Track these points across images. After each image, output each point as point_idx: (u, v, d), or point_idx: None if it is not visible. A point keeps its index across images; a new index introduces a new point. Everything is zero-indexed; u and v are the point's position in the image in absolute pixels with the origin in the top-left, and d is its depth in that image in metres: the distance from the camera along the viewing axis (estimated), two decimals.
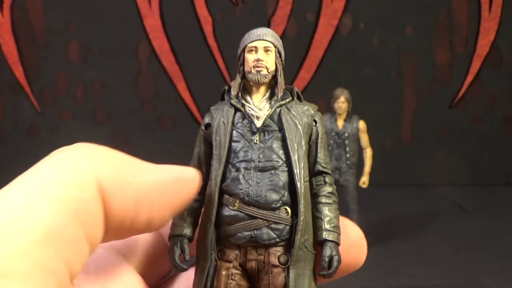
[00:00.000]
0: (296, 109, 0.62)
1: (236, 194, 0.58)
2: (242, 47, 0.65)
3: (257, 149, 0.59)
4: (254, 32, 0.65)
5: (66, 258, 0.38)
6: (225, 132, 0.61)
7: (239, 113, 0.62)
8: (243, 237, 0.57)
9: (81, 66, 4.49)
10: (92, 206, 0.40)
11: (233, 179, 0.58)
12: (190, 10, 4.45)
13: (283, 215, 0.58)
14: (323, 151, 0.63)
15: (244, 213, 0.57)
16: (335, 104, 2.98)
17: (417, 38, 4.56)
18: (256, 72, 0.63)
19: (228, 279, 0.57)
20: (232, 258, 0.58)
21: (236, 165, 0.59)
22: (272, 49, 0.65)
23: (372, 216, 3.53)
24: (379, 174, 3.68)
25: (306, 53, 4.54)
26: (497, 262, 2.86)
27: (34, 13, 4.41)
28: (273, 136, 0.60)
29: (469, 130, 4.70)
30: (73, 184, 0.39)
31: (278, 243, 0.57)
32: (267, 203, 0.57)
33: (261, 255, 0.57)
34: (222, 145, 0.60)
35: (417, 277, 2.69)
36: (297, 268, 0.56)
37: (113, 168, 0.44)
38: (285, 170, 0.59)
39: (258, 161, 0.59)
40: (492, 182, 4.66)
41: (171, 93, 4.56)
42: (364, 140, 3.05)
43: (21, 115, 4.52)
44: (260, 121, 0.61)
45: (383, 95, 4.57)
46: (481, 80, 4.68)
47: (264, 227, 0.57)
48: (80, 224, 0.39)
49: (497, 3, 4.55)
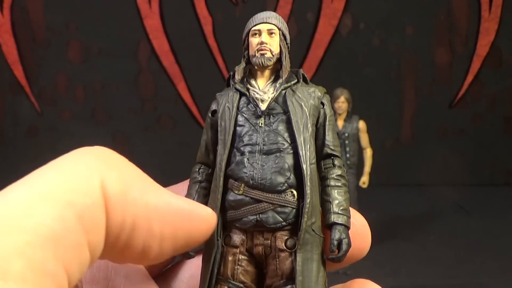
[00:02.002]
0: (301, 91, 0.61)
1: (241, 178, 0.57)
2: (246, 31, 0.65)
3: (262, 132, 0.59)
4: (258, 15, 0.65)
5: (65, 263, 0.37)
6: (230, 117, 0.60)
7: (244, 98, 0.61)
8: (249, 221, 0.56)
9: (81, 66, 4.49)
10: (97, 214, 0.39)
11: (238, 163, 0.58)
12: (190, 10, 4.45)
13: (289, 198, 0.56)
14: (332, 134, 0.61)
15: (250, 197, 0.56)
16: (335, 104, 2.98)
17: (417, 38, 4.56)
18: (260, 56, 0.62)
19: (235, 265, 0.56)
20: (239, 243, 0.57)
21: (241, 149, 0.58)
22: (276, 32, 0.64)
23: (372, 216, 3.51)
24: (379, 174, 3.68)
25: (306, 53, 4.54)
26: (497, 262, 2.86)
27: (34, 13, 4.41)
28: (278, 119, 0.59)
29: (469, 130, 4.70)
30: (80, 189, 0.38)
31: (285, 227, 0.56)
32: (272, 186, 0.56)
33: (267, 240, 0.56)
34: (227, 130, 0.59)
35: (417, 277, 2.69)
36: (304, 252, 0.54)
37: (122, 178, 0.41)
38: (290, 152, 0.58)
39: (263, 144, 0.58)
40: (492, 182, 4.66)
41: (171, 93, 4.56)
42: (364, 140, 3.05)
43: (21, 115, 4.53)
44: (265, 104, 0.60)
45: (383, 95, 4.57)
46: (481, 80, 4.68)
47: (270, 210, 0.56)
48: (84, 231, 0.38)
49: (497, 3, 4.55)
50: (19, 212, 0.35)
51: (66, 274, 0.37)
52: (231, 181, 0.58)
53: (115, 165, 0.42)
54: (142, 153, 4.50)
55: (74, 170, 0.39)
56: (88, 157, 0.41)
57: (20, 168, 3.04)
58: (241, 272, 0.56)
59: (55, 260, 0.36)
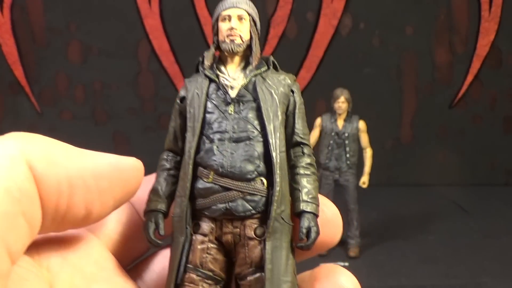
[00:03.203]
0: (272, 79, 0.60)
1: (210, 166, 0.56)
2: (216, 16, 0.63)
3: (231, 119, 0.58)
4: (226, 1, 0.63)
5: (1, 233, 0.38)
6: (199, 104, 0.59)
7: (214, 84, 0.61)
8: (218, 209, 0.55)
9: (81, 66, 4.49)
10: (25, 185, 0.41)
11: (207, 151, 0.57)
12: (190, 10, 4.45)
13: (259, 186, 0.56)
14: (301, 122, 0.61)
15: (219, 185, 0.56)
16: (335, 104, 2.98)
17: (417, 38, 4.55)
18: (230, 41, 0.61)
19: (204, 253, 0.56)
20: (208, 231, 0.56)
21: (210, 136, 0.58)
22: (247, 18, 0.62)
23: (372, 216, 3.53)
24: (379, 174, 3.68)
25: (306, 53, 4.54)
26: (497, 262, 2.86)
27: (34, 13, 4.40)
28: (248, 106, 0.59)
29: (469, 130, 4.70)
30: (3, 164, 0.40)
31: (254, 215, 0.56)
32: (241, 174, 0.56)
33: (236, 228, 0.56)
34: (196, 117, 0.59)
35: (417, 277, 2.69)
36: (273, 240, 0.54)
37: (44, 150, 0.45)
38: (260, 140, 0.57)
39: (232, 132, 0.57)
40: (492, 182, 4.66)
41: (171, 93, 4.55)
42: (364, 140, 3.04)
43: (21, 115, 4.52)
44: (235, 91, 0.60)
45: (383, 95, 4.57)
46: (481, 80, 4.68)
47: (239, 198, 0.55)
48: (14, 201, 0.40)
49: (497, 3, 4.55)
50: None
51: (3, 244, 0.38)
52: (200, 168, 0.57)
53: (35, 140, 0.46)
54: (142, 153, 4.47)
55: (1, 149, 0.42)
56: (8, 138, 0.45)
57: None
58: (210, 261, 0.56)
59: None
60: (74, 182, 0.45)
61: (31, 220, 0.42)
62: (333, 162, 2.97)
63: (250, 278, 0.55)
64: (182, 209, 0.56)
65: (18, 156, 0.42)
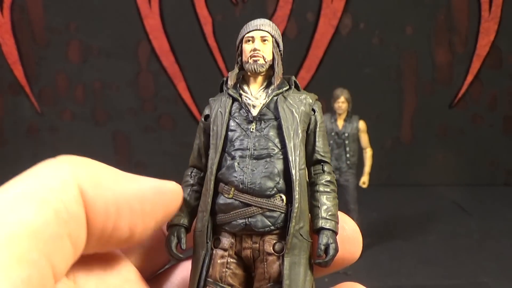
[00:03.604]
0: (293, 98, 0.62)
1: (231, 182, 0.58)
2: (240, 38, 0.66)
3: (253, 137, 0.59)
4: (252, 22, 0.65)
5: (48, 253, 0.40)
6: (222, 122, 0.61)
7: (237, 103, 0.62)
8: (238, 225, 0.57)
9: (81, 66, 4.49)
10: (73, 207, 0.43)
11: (228, 167, 0.58)
12: (190, 10, 4.45)
13: (278, 202, 0.57)
14: (322, 140, 0.63)
15: (239, 201, 0.57)
16: (335, 104, 2.98)
17: (417, 38, 4.56)
18: (253, 62, 0.63)
19: (223, 268, 0.57)
20: (228, 246, 0.57)
21: (232, 153, 0.59)
22: (269, 39, 0.64)
23: (372, 216, 3.53)
24: (379, 174, 3.68)
25: (306, 53, 4.54)
26: (497, 262, 2.86)
27: (34, 13, 4.41)
28: (269, 124, 0.60)
29: (469, 130, 4.70)
30: (54, 187, 0.42)
31: (273, 231, 0.57)
32: (261, 190, 0.57)
33: (256, 243, 0.57)
34: (218, 135, 0.60)
35: (417, 277, 2.69)
36: (292, 256, 0.55)
37: (93, 174, 0.46)
38: (280, 158, 0.59)
39: (253, 149, 0.59)
40: (492, 182, 4.66)
41: (171, 93, 4.56)
42: (364, 140, 3.05)
43: (21, 115, 4.53)
44: (256, 110, 0.61)
45: (383, 95, 4.57)
46: (481, 80, 4.68)
47: (259, 214, 0.56)
48: (62, 223, 0.41)
49: (497, 3, 4.55)
50: (3, 210, 0.39)
51: (49, 264, 0.40)
52: (222, 184, 0.59)
53: (86, 164, 0.48)
54: (142, 153, 4.50)
55: (49, 173, 0.44)
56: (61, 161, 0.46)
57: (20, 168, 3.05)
58: (230, 275, 0.57)
59: (37, 250, 0.39)
60: (120, 205, 0.47)
61: (76, 242, 0.43)
62: (333, 162, 2.97)
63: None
64: (203, 224, 0.57)
65: (69, 179, 0.44)
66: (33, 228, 0.39)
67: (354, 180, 3.00)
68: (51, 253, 0.40)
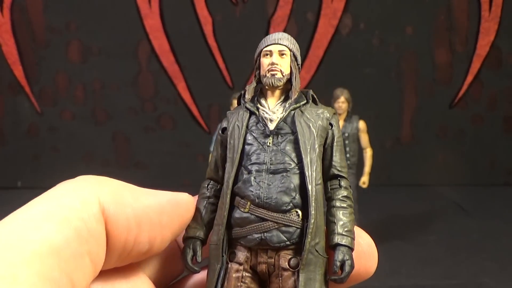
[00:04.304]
0: (310, 112, 0.62)
1: (247, 196, 0.58)
2: (258, 52, 0.66)
3: (270, 151, 0.59)
4: (270, 36, 0.66)
5: (68, 271, 0.41)
6: (239, 135, 0.61)
7: (254, 117, 0.62)
8: (253, 239, 0.57)
9: (81, 66, 4.49)
10: (93, 225, 0.45)
11: (245, 181, 0.59)
12: (190, 10, 4.45)
13: (294, 217, 0.57)
14: (339, 155, 0.62)
15: (255, 215, 0.57)
16: (335, 104, 2.98)
17: (417, 38, 4.56)
18: (271, 76, 0.63)
19: (238, 282, 0.57)
20: (243, 260, 0.58)
21: (248, 167, 0.59)
22: (287, 53, 0.64)
23: (372, 216, 3.53)
24: (379, 174, 3.68)
25: (306, 53, 4.54)
26: (497, 262, 2.86)
27: (34, 13, 4.41)
28: (286, 138, 0.60)
29: (469, 130, 4.70)
30: (75, 206, 0.44)
31: (289, 246, 0.57)
32: (277, 205, 0.57)
33: (271, 258, 0.57)
34: (235, 148, 0.60)
35: (417, 277, 2.69)
36: (307, 272, 0.55)
37: (114, 192, 0.48)
38: (297, 172, 0.58)
39: (270, 164, 0.59)
40: (492, 182, 4.66)
41: (171, 93, 4.56)
42: (364, 140, 3.05)
43: (21, 115, 4.52)
44: (274, 124, 0.61)
45: (383, 95, 4.57)
46: (481, 80, 4.68)
47: (274, 229, 0.56)
48: (83, 241, 0.43)
49: (497, 3, 4.55)
50: (26, 228, 0.41)
51: (70, 282, 0.41)
52: (238, 198, 0.59)
53: (105, 183, 0.49)
54: (142, 153, 4.50)
55: (70, 192, 0.46)
56: (81, 181, 0.48)
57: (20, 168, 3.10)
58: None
59: (59, 268, 0.40)
60: (141, 220, 0.49)
61: (96, 259, 0.45)
62: None
63: None
64: (219, 237, 0.58)
65: (89, 198, 0.46)
66: (55, 247, 0.40)
67: (354, 180, 3.00)
68: (72, 271, 0.41)
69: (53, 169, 4.43)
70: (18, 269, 0.37)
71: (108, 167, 4.46)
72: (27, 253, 0.38)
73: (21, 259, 0.38)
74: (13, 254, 0.38)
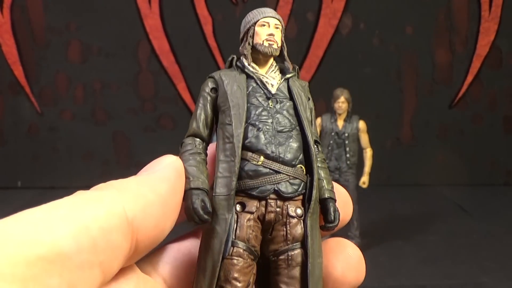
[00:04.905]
0: (299, 83, 0.69)
1: (260, 150, 0.62)
2: (254, 21, 0.70)
3: (273, 113, 0.65)
4: (265, 10, 0.71)
5: (71, 281, 0.40)
6: (242, 95, 0.65)
7: (252, 81, 0.67)
8: (267, 190, 0.61)
9: (81, 66, 4.49)
10: (113, 237, 0.43)
11: (257, 137, 0.63)
12: (190, 10, 4.45)
13: (300, 172, 0.63)
14: (314, 124, 0.69)
15: (269, 168, 0.62)
16: (335, 104, 2.98)
17: (417, 38, 4.56)
18: (269, 45, 0.68)
19: (250, 230, 0.61)
20: (254, 210, 0.61)
21: (257, 124, 0.64)
22: (280, 27, 0.70)
23: (372, 216, 3.53)
24: (379, 174, 3.68)
25: (306, 53, 4.54)
26: (497, 262, 2.86)
27: (34, 13, 4.41)
28: (284, 103, 0.66)
29: (469, 130, 4.70)
30: (98, 215, 0.43)
31: (296, 197, 0.63)
32: (288, 160, 0.63)
33: (279, 208, 0.62)
34: (240, 106, 0.64)
35: (417, 277, 2.69)
36: (311, 220, 0.61)
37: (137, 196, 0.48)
38: (298, 133, 0.65)
39: (276, 123, 0.64)
40: (492, 182, 4.66)
41: (171, 93, 4.56)
42: (364, 140, 3.04)
43: (21, 115, 4.53)
44: (274, 88, 0.67)
45: (383, 95, 4.57)
46: (481, 80, 4.68)
47: (285, 181, 0.62)
48: (98, 251, 0.42)
49: (497, 3, 4.55)
50: (39, 228, 0.39)
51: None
52: (249, 153, 0.63)
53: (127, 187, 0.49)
54: (142, 153, 4.50)
55: (96, 200, 0.45)
56: (109, 188, 0.48)
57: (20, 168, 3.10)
58: (253, 237, 0.61)
59: (59, 276, 0.39)
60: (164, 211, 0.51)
61: (107, 270, 0.44)
62: (333, 162, 2.98)
63: (291, 253, 0.61)
64: (230, 188, 0.60)
65: (116, 209, 0.45)
66: (63, 253, 0.39)
67: (354, 180, 3.00)
68: (75, 281, 0.40)
69: (53, 169, 4.44)
70: (18, 269, 0.36)
71: (108, 167, 4.47)
72: (32, 254, 0.37)
73: (24, 260, 0.37)
74: (18, 253, 0.37)
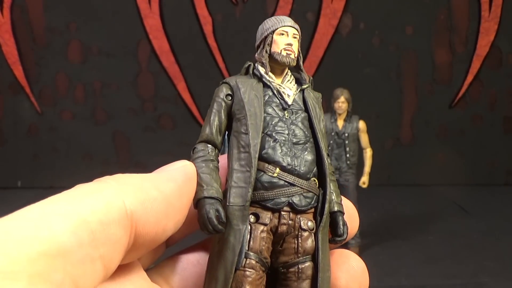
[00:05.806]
0: (314, 95, 0.68)
1: (276, 162, 0.62)
2: (272, 29, 0.69)
3: (289, 124, 0.64)
4: (284, 18, 0.70)
5: (74, 275, 0.40)
6: (259, 104, 0.64)
7: (269, 90, 0.66)
8: (281, 202, 0.61)
9: (81, 66, 4.49)
10: (113, 230, 0.43)
11: (273, 148, 0.63)
12: (190, 10, 4.45)
13: (313, 185, 0.63)
14: (325, 136, 0.69)
15: (284, 180, 0.62)
16: (335, 104, 2.98)
17: (417, 38, 4.56)
18: (287, 55, 0.67)
19: (263, 241, 0.60)
20: (267, 221, 0.61)
21: (274, 135, 0.63)
22: (297, 37, 0.69)
23: (372, 216, 3.53)
24: (379, 174, 3.68)
25: (306, 53, 4.54)
26: (497, 262, 2.86)
27: (34, 13, 4.41)
28: (299, 115, 0.65)
29: (469, 130, 4.70)
30: (97, 209, 0.42)
31: (308, 210, 0.62)
32: (303, 173, 0.62)
33: (291, 220, 0.62)
34: (257, 115, 0.63)
35: (417, 277, 2.69)
36: (322, 234, 0.61)
37: (138, 190, 0.47)
38: (313, 146, 0.65)
39: (292, 135, 0.64)
40: (492, 182, 4.66)
41: (171, 93, 4.56)
42: (364, 140, 3.05)
43: (21, 115, 4.53)
44: (290, 99, 0.66)
45: (383, 95, 4.57)
46: (481, 80, 4.68)
47: (299, 194, 0.62)
48: (98, 245, 0.42)
49: (497, 3, 4.55)
50: (38, 225, 0.39)
51: (74, 285, 0.40)
52: (265, 164, 0.62)
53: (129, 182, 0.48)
54: (142, 153, 4.50)
55: (95, 193, 0.44)
56: (109, 181, 0.47)
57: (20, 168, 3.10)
58: (266, 249, 0.61)
59: (63, 271, 0.39)
60: (167, 210, 0.50)
61: (109, 264, 0.43)
62: (333, 162, 2.98)
63: (302, 266, 0.61)
64: (245, 199, 0.60)
65: (115, 201, 0.44)
66: (64, 248, 0.39)
67: (354, 180, 3.00)
68: (78, 275, 0.40)
69: (53, 169, 4.44)
70: (20, 266, 0.36)
71: (108, 167, 4.47)
72: (32, 250, 0.37)
73: (25, 257, 0.37)
74: (18, 250, 0.36)
